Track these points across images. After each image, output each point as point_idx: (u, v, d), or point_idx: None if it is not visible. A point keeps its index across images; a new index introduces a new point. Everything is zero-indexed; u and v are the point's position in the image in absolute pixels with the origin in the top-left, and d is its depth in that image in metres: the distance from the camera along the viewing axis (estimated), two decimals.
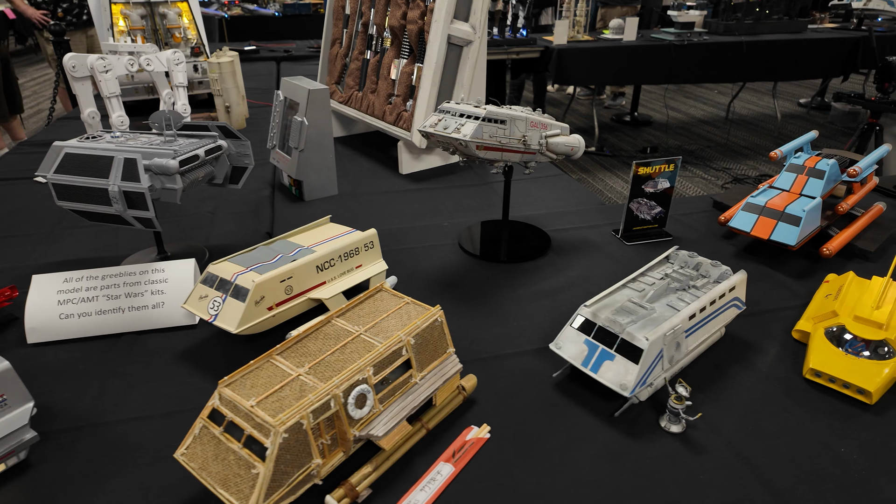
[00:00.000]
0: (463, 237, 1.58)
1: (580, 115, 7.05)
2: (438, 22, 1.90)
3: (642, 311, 1.01)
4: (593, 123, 5.95)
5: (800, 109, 7.31)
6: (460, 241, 1.56)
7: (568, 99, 6.90)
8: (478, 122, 1.22)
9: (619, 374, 0.93)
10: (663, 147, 5.83)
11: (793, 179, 1.50)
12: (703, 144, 5.96)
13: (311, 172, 1.87)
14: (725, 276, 1.11)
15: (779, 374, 1.06)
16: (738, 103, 7.46)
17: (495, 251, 1.51)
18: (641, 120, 6.67)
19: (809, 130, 1.74)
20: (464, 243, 1.55)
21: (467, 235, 1.59)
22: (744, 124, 6.67)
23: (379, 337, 0.89)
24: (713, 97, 7.87)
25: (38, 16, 5.24)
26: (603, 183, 5.02)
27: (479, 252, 1.51)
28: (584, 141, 1.45)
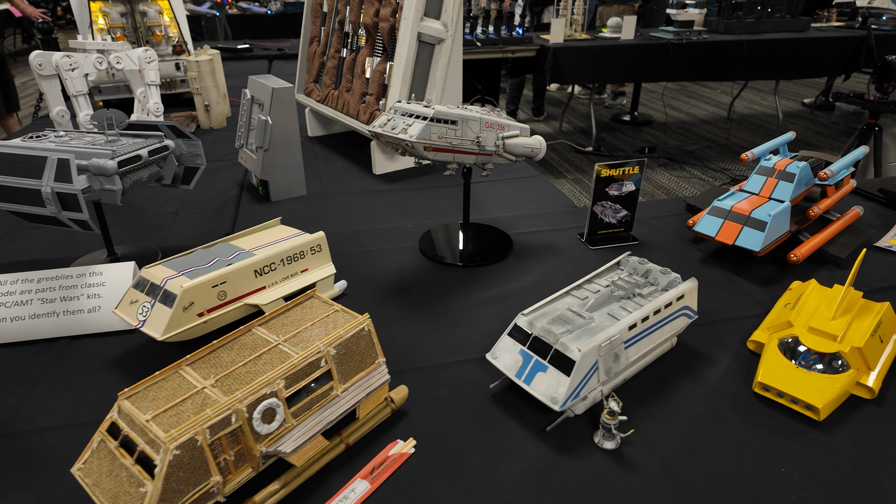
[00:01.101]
0: (423, 240, 1.55)
1: (580, 115, 7.00)
2: (408, 19, 1.86)
3: (580, 320, 0.96)
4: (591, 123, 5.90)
5: (803, 109, 7.21)
6: (420, 245, 1.53)
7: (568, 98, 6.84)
8: (425, 122, 1.18)
9: (550, 387, 0.89)
10: (662, 147, 5.77)
11: (762, 182, 1.45)
12: (703, 145, 5.89)
13: (277, 172, 1.84)
14: (674, 283, 1.06)
15: (728, 387, 1.02)
16: (740, 103, 7.38)
17: (454, 255, 1.47)
18: (641, 120, 6.60)
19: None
20: (423, 246, 1.51)
21: (428, 238, 1.56)
22: (745, 124, 6.59)
23: (298, 347, 0.86)
24: (716, 96, 7.79)
25: (37, 14, 5.25)
26: None
27: (437, 256, 1.47)
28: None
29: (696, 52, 5.21)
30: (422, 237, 1.56)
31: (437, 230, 1.60)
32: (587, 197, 4.57)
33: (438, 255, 1.47)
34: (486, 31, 5.03)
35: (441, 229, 1.61)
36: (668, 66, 5.20)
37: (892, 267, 1.41)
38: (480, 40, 4.93)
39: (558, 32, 5.06)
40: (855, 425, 0.93)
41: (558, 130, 6.45)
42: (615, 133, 6.32)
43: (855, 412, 0.96)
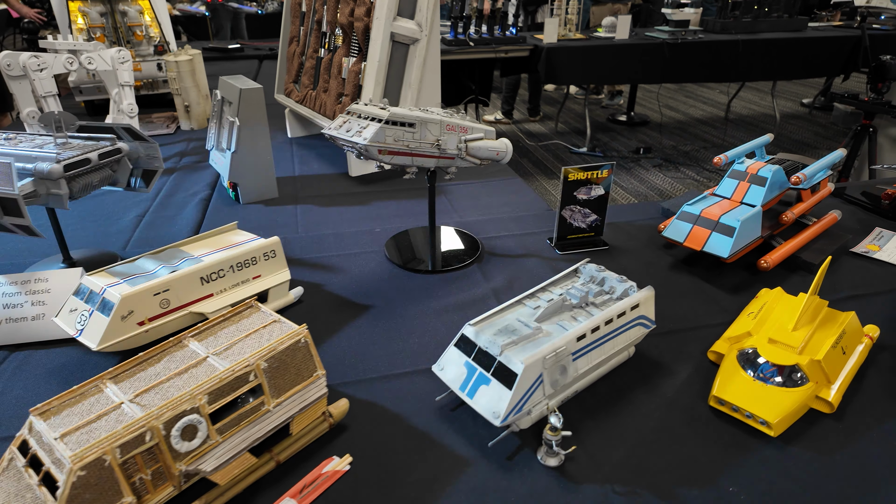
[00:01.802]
0: (389, 245, 1.51)
1: (576, 115, 6.95)
2: (380, 19, 1.82)
3: (527, 331, 0.93)
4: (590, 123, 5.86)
5: (802, 109, 7.15)
6: (386, 249, 1.49)
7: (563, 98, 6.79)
8: (380, 124, 1.15)
9: (492, 401, 0.86)
10: (657, 148, 5.72)
11: (734, 186, 1.42)
12: (699, 145, 5.84)
13: (246, 174, 1.81)
14: (630, 292, 1.03)
15: (683, 400, 0.98)
16: (738, 103, 7.32)
17: (417, 260, 1.44)
18: (638, 120, 6.55)
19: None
20: (388, 251, 1.48)
21: (394, 243, 1.52)
22: (743, 125, 6.54)
23: (228, 360, 0.82)
24: (714, 96, 7.73)
25: (31, 14, 5.24)
26: None
27: (400, 261, 1.43)
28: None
29: (692, 52, 5.16)
30: (388, 242, 1.53)
31: (403, 234, 1.57)
32: None
33: (402, 260, 1.44)
34: (479, 31, 5.00)
35: (408, 234, 1.57)
36: (663, 66, 5.16)
37: (868, 273, 1.37)
38: (473, 40, 4.89)
39: (552, 32, 5.02)
40: (811, 441, 0.89)
41: (553, 130, 6.41)
42: (611, 133, 6.28)
43: (813, 427, 0.92)
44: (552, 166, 5.35)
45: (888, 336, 1.13)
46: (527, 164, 5.41)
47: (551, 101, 7.48)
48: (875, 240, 1.52)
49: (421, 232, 1.58)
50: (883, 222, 1.62)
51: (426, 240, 1.53)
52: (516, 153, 5.65)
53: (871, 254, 1.45)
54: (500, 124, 6.61)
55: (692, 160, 5.39)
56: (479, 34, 4.99)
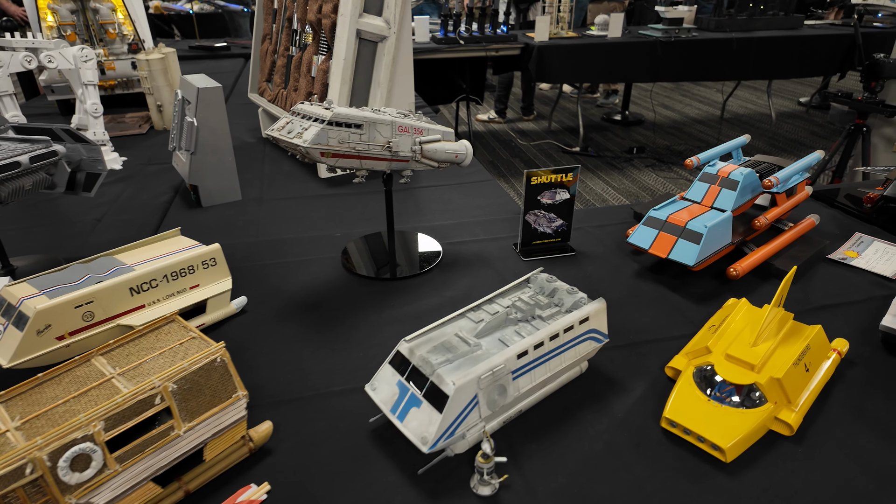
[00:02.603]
0: (347, 250, 1.45)
1: (570, 114, 6.88)
2: (345, 16, 1.76)
3: (465, 347, 0.87)
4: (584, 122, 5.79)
5: (799, 108, 7.08)
6: (343, 255, 1.43)
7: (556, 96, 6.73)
8: (322, 125, 1.09)
9: (422, 425, 0.80)
10: (650, 147, 5.65)
11: (705, 190, 1.36)
12: (694, 145, 5.77)
13: (207, 177, 1.75)
14: (579, 304, 0.96)
15: (635, 420, 0.92)
16: (735, 102, 7.25)
17: (373, 267, 1.38)
18: (632, 119, 6.48)
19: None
20: (345, 257, 1.42)
21: (352, 249, 1.46)
22: (739, 124, 6.47)
23: (133, 382, 0.76)
24: (710, 95, 7.66)
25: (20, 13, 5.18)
26: (583, 185, 4.86)
27: (356, 268, 1.37)
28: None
29: (685, 50, 5.09)
30: (346, 247, 1.47)
31: (364, 240, 1.51)
32: None
33: (358, 267, 1.38)
34: (470, 29, 4.93)
35: (368, 239, 1.51)
36: (656, 65, 5.09)
37: (843, 281, 1.31)
38: (464, 38, 4.83)
39: (543, 30, 4.95)
40: (767, 467, 0.83)
41: (547, 129, 6.34)
42: (605, 133, 6.21)
43: (770, 451, 0.86)
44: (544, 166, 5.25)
45: (859, 350, 1.07)
46: (518, 164, 5.35)
47: (546, 99, 7.42)
48: (854, 246, 1.46)
49: (382, 237, 1.52)
50: (864, 227, 1.56)
51: (383, 245, 1.47)
52: (508, 153, 5.59)
53: (849, 260, 1.39)
54: (493, 123, 6.55)
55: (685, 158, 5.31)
56: (470, 32, 4.93)
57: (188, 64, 4.18)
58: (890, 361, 1.05)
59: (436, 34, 4.90)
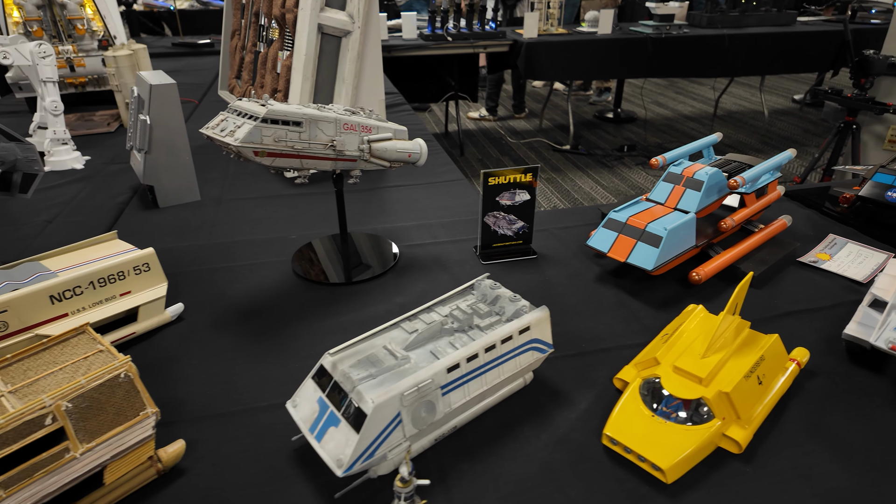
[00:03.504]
0: (298, 254, 1.40)
1: (562, 112, 6.82)
2: (305, 10, 1.71)
3: (392, 361, 0.81)
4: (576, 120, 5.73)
5: (793, 106, 7.02)
6: (293, 259, 1.38)
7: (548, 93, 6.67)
8: (255, 123, 1.03)
9: (339, 445, 0.74)
10: (641, 145, 5.60)
11: (669, 191, 1.30)
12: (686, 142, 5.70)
13: (162, 176, 1.69)
14: (521, 313, 0.91)
15: (577, 436, 0.87)
16: (728, 99, 7.19)
17: (323, 272, 1.33)
18: (625, 117, 6.42)
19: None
20: (295, 261, 1.37)
21: (304, 252, 1.41)
22: (731, 121, 6.41)
23: (26, 400, 0.71)
24: (704, 92, 7.60)
25: None
26: (572, 183, 4.80)
27: (306, 272, 1.32)
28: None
29: (676, 47, 5.04)
30: (299, 250, 1.41)
31: (318, 242, 1.45)
32: (559, 198, 4.42)
33: (308, 271, 1.32)
34: (458, 26, 4.87)
35: (323, 242, 1.46)
36: (647, 61, 5.04)
37: (812, 286, 1.25)
38: (451, 35, 4.77)
39: (532, 27, 4.89)
40: (712, 488, 0.78)
41: (538, 127, 6.29)
42: (596, 131, 6.16)
43: (717, 470, 0.81)
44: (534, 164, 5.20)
45: (822, 359, 1.02)
46: (507, 163, 5.29)
47: (540, 97, 7.35)
48: (827, 248, 1.41)
49: (333, 240, 1.46)
50: (839, 228, 1.51)
51: (336, 248, 1.42)
52: (497, 151, 5.54)
53: (820, 263, 1.33)
54: (484, 121, 6.49)
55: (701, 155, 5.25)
56: (458, 29, 4.87)
57: (169, 61, 4.13)
58: (853, 372, 0.99)
59: (423, 31, 4.84)
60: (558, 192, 4.64)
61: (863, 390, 0.95)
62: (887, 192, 1.45)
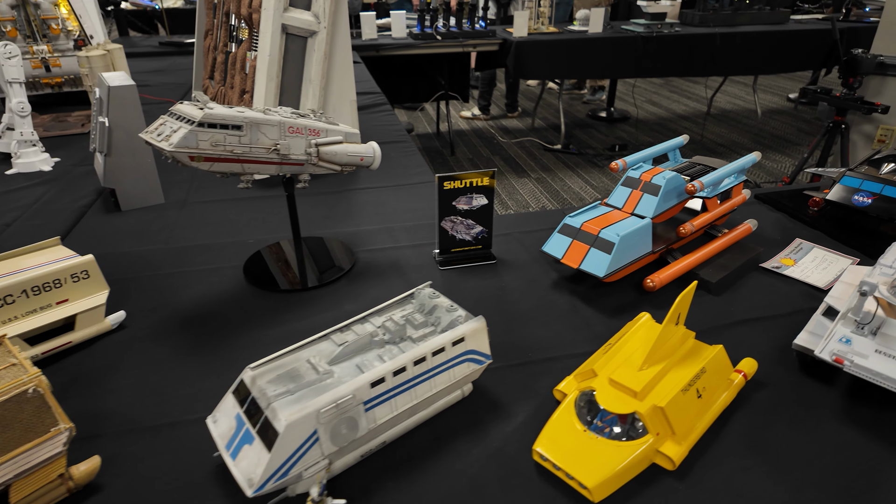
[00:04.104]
0: (251, 259, 1.37)
1: (556, 110, 6.78)
2: (268, 10, 1.68)
3: (314, 376, 0.79)
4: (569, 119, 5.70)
5: (788, 105, 6.99)
6: (245, 265, 1.35)
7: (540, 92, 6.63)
8: (191, 126, 1.00)
9: (252, 465, 0.72)
10: (633, 145, 5.56)
11: (626, 196, 1.27)
12: None
13: (124, 179, 1.67)
14: (455, 324, 0.88)
15: (510, 451, 0.84)
16: (723, 97, 7.16)
17: (273, 278, 1.30)
18: (618, 116, 6.39)
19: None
20: (247, 267, 1.34)
21: (256, 258, 1.38)
22: (725, 120, 6.38)
23: None
24: (699, 91, 7.56)
25: None
26: (562, 183, 4.77)
27: (257, 279, 1.29)
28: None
29: (667, 45, 5.01)
30: (252, 256, 1.39)
31: (272, 247, 1.43)
32: (548, 199, 4.39)
33: (259, 278, 1.30)
34: (447, 25, 4.85)
35: (278, 246, 1.43)
36: (638, 61, 5.01)
37: (772, 292, 1.23)
38: (441, 34, 4.74)
39: (522, 25, 4.86)
40: None
41: (530, 126, 6.26)
42: (589, 130, 6.13)
43: (649, 488, 0.78)
44: (524, 164, 5.20)
45: (772, 370, 0.99)
46: (498, 162, 5.26)
47: (534, 96, 7.32)
48: (792, 253, 1.38)
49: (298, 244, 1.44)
50: (808, 232, 1.48)
51: (291, 253, 1.39)
52: (489, 150, 5.51)
53: (783, 269, 1.31)
54: (476, 120, 6.47)
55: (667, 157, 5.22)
56: (447, 27, 4.84)
57: (155, 60, 4.11)
58: (803, 383, 0.97)
59: (413, 29, 4.82)
60: (547, 191, 4.61)
61: (810, 402, 0.92)
62: (854, 195, 1.42)
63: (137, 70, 3.67)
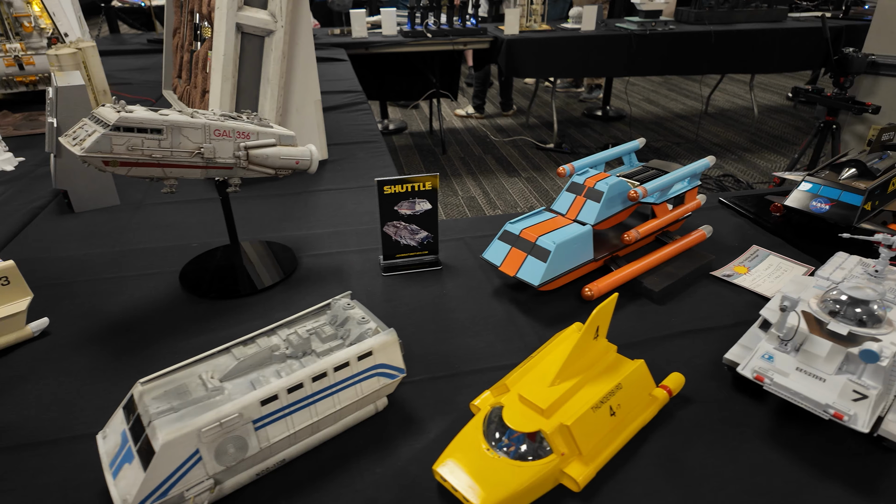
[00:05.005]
0: (189, 265, 1.35)
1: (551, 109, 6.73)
2: (221, 8, 1.65)
3: (203, 392, 0.76)
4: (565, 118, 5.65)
5: (787, 104, 6.91)
6: (182, 270, 1.33)
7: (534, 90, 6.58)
8: (104, 130, 0.98)
9: (130, 484, 0.69)
10: None
11: (570, 201, 1.24)
12: (672, 141, 5.63)
13: (76, 180, 1.65)
14: (364, 337, 0.85)
15: (415, 469, 0.81)
16: (722, 96, 7.09)
17: (209, 284, 1.27)
18: (613, 115, 6.34)
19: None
20: (183, 273, 1.31)
21: (194, 263, 1.35)
22: (722, 119, 6.31)
23: None
24: (698, 90, 7.48)
25: None
26: (552, 182, 4.73)
27: (191, 285, 1.27)
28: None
29: (661, 44, 4.95)
30: (191, 261, 1.36)
31: (214, 252, 1.40)
32: (536, 198, 4.35)
33: (193, 284, 1.27)
34: (438, 22, 4.81)
35: (215, 252, 1.40)
36: (631, 59, 4.95)
37: (719, 302, 1.19)
38: (431, 31, 4.70)
39: (513, 23, 4.82)
40: None
41: (525, 125, 6.21)
42: (583, 129, 6.07)
43: None
44: (515, 163, 5.17)
45: (703, 385, 0.95)
46: (489, 161, 5.23)
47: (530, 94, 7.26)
48: (747, 260, 1.34)
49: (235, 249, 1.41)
50: (768, 239, 1.44)
51: (228, 259, 1.36)
52: (481, 149, 5.47)
53: (735, 277, 1.27)
54: (471, 119, 6.43)
55: (662, 157, 5.18)
56: (438, 25, 4.80)
57: (142, 58, 4.09)
58: (733, 400, 0.93)
59: (404, 27, 4.78)
60: (537, 191, 4.57)
61: (736, 421, 0.89)
62: (812, 201, 1.38)
63: (122, 68, 3.66)
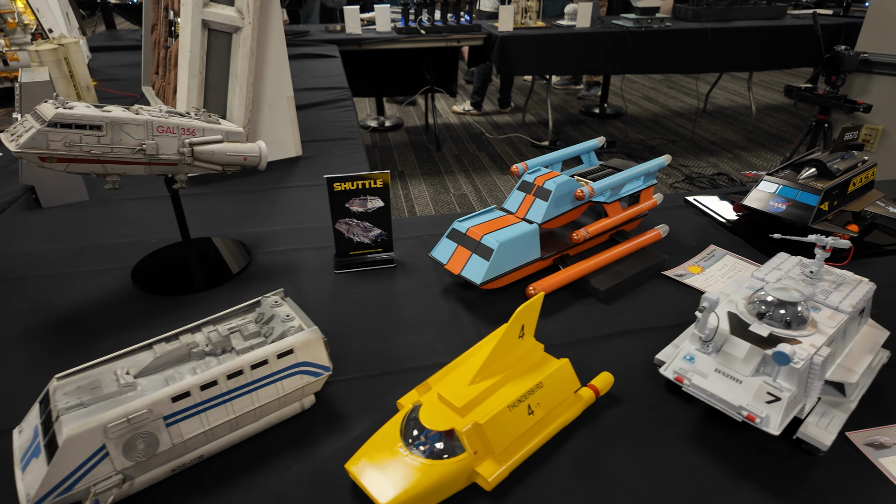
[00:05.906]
0: (143, 261, 1.35)
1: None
2: (187, 5, 1.65)
3: (116, 388, 0.76)
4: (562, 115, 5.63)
5: (787, 101, 6.85)
6: (136, 267, 1.33)
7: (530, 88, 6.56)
8: (40, 126, 0.98)
9: (34, 479, 0.70)
10: (622, 142, 5.49)
11: (520, 200, 1.23)
12: (669, 139, 5.59)
13: (43, 176, 1.66)
14: (285, 335, 0.85)
15: (332, 467, 0.81)
16: (721, 94, 7.04)
17: (159, 280, 1.28)
18: (611, 112, 6.31)
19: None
20: (136, 269, 1.32)
21: (148, 259, 1.36)
22: (721, 117, 6.27)
23: None
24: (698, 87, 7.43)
25: None
26: None
27: (143, 282, 1.27)
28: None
29: (657, 41, 4.92)
30: (145, 257, 1.36)
31: (170, 249, 1.40)
32: None
33: (144, 281, 1.27)
34: (432, 19, 4.80)
35: (170, 248, 1.40)
36: (626, 56, 4.93)
37: (666, 302, 1.18)
38: (425, 28, 4.69)
39: (507, 20, 4.81)
40: None
41: (521, 122, 6.19)
42: (580, 126, 6.05)
43: None
44: (510, 161, 5.15)
45: (636, 385, 0.95)
46: (483, 158, 5.22)
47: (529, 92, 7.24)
48: (703, 260, 1.33)
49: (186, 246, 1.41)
50: (728, 238, 1.43)
51: (182, 256, 1.37)
52: (476, 146, 5.46)
53: (686, 277, 1.26)
54: (468, 115, 6.42)
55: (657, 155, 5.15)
56: (432, 22, 4.79)
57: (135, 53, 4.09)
58: (664, 400, 0.93)
59: (398, 23, 4.78)
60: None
61: (663, 421, 0.88)
62: (770, 201, 1.37)
63: (113, 64, 3.67)
